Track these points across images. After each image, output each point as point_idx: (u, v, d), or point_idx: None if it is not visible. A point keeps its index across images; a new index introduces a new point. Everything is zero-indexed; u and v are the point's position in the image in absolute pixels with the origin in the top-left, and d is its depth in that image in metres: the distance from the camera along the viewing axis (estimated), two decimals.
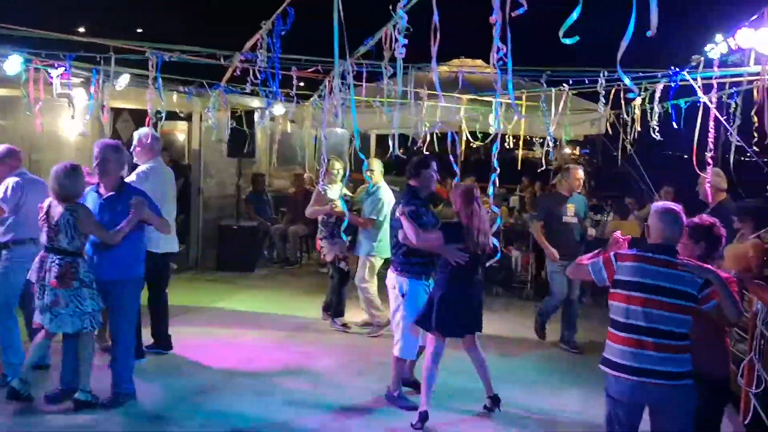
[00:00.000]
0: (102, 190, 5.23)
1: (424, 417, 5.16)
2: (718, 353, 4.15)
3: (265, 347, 6.98)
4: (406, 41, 3.49)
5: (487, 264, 5.22)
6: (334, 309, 7.89)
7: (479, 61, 12.76)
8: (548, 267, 7.56)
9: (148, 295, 6.35)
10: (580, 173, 7.56)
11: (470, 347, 5.52)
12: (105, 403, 5.17)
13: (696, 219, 4.23)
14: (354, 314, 8.00)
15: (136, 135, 6.14)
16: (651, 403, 3.79)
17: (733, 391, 6.23)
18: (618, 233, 4.19)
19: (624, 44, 2.39)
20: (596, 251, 4.13)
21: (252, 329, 7.61)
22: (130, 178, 5.82)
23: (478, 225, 5.19)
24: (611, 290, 3.89)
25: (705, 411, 3.97)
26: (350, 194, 7.96)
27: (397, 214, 5.30)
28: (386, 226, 7.58)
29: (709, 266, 3.85)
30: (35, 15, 7.49)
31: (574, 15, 2.54)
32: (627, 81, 2.89)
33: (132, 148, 6.09)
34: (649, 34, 2.44)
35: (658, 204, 4.03)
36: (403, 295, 5.45)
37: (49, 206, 5.00)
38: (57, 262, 4.90)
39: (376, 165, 7.75)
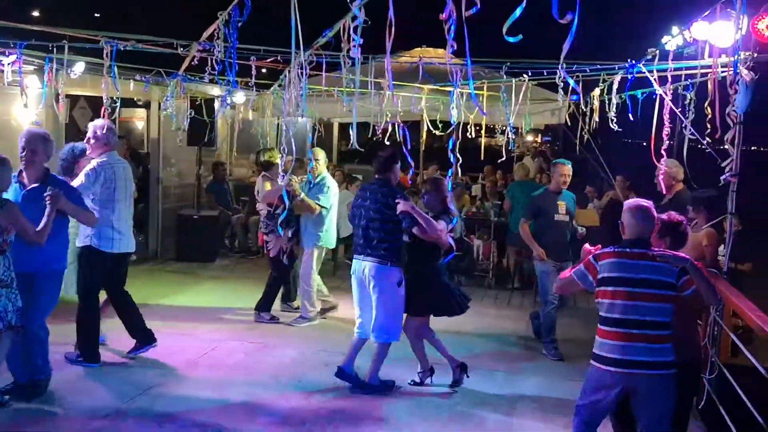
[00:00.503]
0: (25, 180, 5.00)
1: (465, 367, 5.94)
2: (695, 341, 4.39)
3: (227, 339, 6.94)
4: (361, 40, 3.48)
5: (444, 261, 5.32)
6: (264, 303, 7.68)
7: (441, 51, 12.78)
8: (537, 268, 7.18)
9: (110, 296, 6.17)
10: (568, 169, 7.10)
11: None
12: (24, 393, 5.06)
13: (664, 216, 4.36)
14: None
15: (90, 126, 5.89)
16: (637, 392, 3.97)
17: None
18: (587, 246, 4.32)
19: (566, 47, 2.41)
20: (571, 267, 4.30)
21: (212, 321, 7.56)
22: (79, 179, 5.63)
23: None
24: (597, 289, 4.06)
25: (683, 395, 4.15)
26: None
27: (404, 209, 5.43)
28: (332, 216, 7.53)
29: (684, 255, 4.05)
30: None
31: (517, 12, 2.56)
32: (571, 82, 2.93)
33: (86, 139, 5.89)
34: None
35: (631, 201, 4.24)
36: (399, 284, 5.62)
37: None
38: None
39: (321, 155, 7.56)
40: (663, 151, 5.92)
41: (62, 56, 6.77)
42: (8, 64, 6.45)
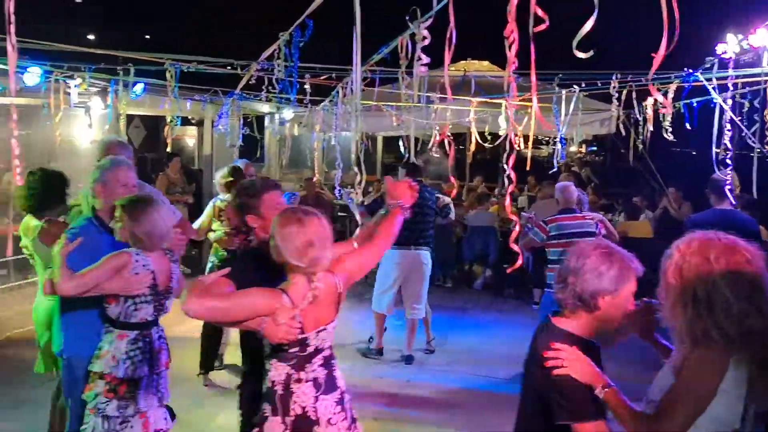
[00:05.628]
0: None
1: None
2: None
3: None
4: (428, 60, 3.54)
5: (510, 270, 5.51)
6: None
7: (485, 63, 12.82)
8: None
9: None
10: None
11: None
12: None
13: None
14: None
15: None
16: None
17: None
18: None
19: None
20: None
21: None
22: None
23: None
24: (548, 242, 6.11)
25: None
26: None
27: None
28: None
29: (596, 213, 6.69)
30: (47, 27, 7.57)
31: (587, 27, 2.55)
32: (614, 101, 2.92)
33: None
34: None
35: (560, 184, 6.59)
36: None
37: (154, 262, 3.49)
38: (161, 334, 3.65)
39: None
40: (728, 161, 5.83)
41: (128, 78, 7.02)
42: (74, 86, 6.69)
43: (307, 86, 7.70)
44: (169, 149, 10.39)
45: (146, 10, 21.01)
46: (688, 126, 7.59)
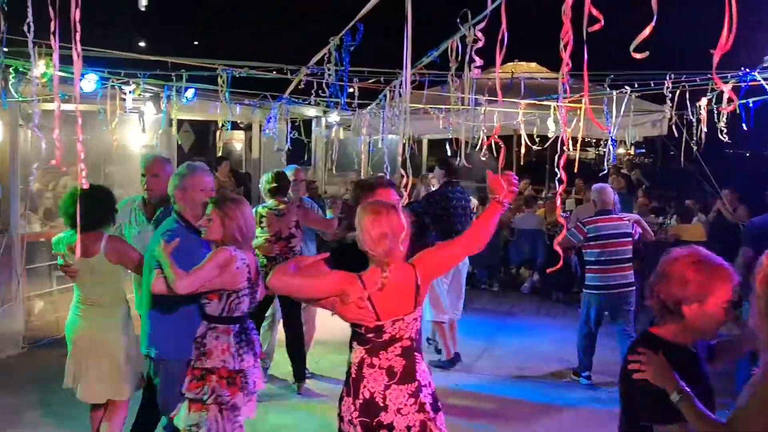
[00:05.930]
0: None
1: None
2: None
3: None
4: (481, 62, 3.53)
5: (549, 271, 5.39)
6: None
7: (533, 64, 12.69)
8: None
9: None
10: None
11: None
12: None
13: None
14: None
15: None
16: (621, 303, 6.26)
17: None
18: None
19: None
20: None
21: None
22: None
23: None
24: (586, 244, 6.31)
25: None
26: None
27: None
28: None
29: (633, 214, 6.91)
30: (101, 34, 7.76)
31: (646, 32, 2.51)
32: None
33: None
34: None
35: (597, 185, 6.69)
36: None
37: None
38: (252, 326, 3.78)
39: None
40: None
41: (180, 84, 7.16)
42: (129, 92, 6.85)
43: (352, 89, 7.73)
44: (219, 153, 10.59)
45: (196, 17, 21.40)
46: (744, 127, 7.37)
